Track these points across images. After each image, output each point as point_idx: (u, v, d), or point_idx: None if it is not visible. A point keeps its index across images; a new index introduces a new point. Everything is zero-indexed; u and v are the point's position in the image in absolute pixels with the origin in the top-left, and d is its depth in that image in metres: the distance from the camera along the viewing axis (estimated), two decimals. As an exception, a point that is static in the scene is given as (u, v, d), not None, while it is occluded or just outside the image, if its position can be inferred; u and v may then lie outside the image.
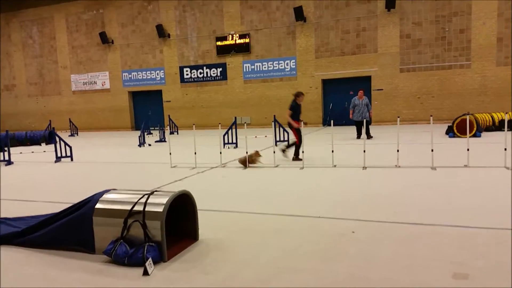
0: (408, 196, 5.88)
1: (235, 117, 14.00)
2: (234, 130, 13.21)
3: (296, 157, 9.63)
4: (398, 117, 8.95)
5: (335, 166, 8.65)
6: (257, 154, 9.10)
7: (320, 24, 20.59)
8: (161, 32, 23.45)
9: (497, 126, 14.35)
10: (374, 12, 19.51)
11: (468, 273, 3.32)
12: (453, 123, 13.24)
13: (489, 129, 14.34)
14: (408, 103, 19.47)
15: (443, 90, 18.87)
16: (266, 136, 14.71)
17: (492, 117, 14.67)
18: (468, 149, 8.19)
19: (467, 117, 8.41)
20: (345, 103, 20.91)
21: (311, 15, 20.64)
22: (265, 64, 22.03)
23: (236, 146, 13.00)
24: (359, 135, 13.99)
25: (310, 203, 5.73)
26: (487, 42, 17.94)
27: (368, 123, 13.85)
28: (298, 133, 9.53)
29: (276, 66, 21.86)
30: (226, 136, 13.22)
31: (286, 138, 13.32)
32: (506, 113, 8.94)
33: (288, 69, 21.63)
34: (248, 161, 8.97)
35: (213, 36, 22.77)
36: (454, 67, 18.59)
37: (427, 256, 3.70)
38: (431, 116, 8.54)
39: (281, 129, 13.53)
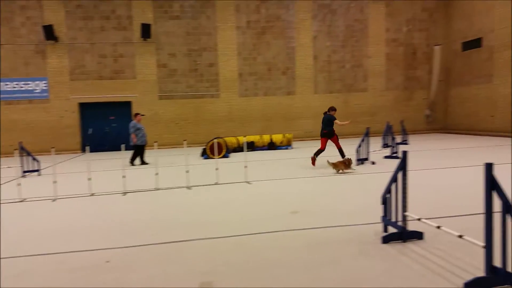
0: (164, 217, 6.11)
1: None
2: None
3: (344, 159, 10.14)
4: (156, 142, 9.27)
5: (92, 194, 8.21)
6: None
7: (74, 45, 19.44)
8: None
9: (242, 147, 16.65)
10: (130, 39, 19.81)
11: (212, 280, 3.69)
12: (206, 145, 14.64)
13: (236, 150, 16.50)
14: (169, 128, 20.44)
15: (198, 116, 20.70)
16: (10, 167, 12.68)
17: (237, 139, 16.95)
18: (217, 169, 9.21)
19: (215, 141, 9.48)
20: (106, 128, 20.29)
21: (64, 36, 19.29)
22: (8, 84, 19.14)
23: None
24: (142, 160, 13.27)
25: (60, 238, 5.23)
26: (231, 76, 20.79)
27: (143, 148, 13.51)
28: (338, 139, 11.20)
29: (23, 87, 19.29)
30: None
31: (36, 167, 11.81)
32: (246, 136, 10.52)
33: (39, 91, 19.42)
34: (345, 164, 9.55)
35: None
36: (206, 96, 20.69)
37: (178, 271, 3.93)
38: (185, 140, 9.20)
39: (30, 158, 11.93)
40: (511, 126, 18.04)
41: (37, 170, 11.81)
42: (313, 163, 10.97)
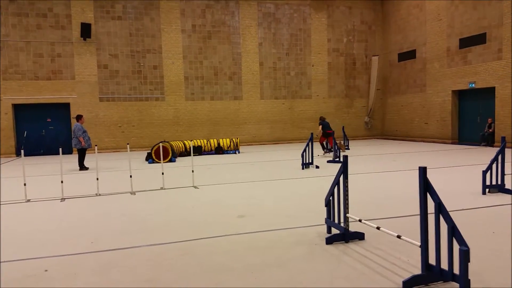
0: (105, 224, 5.87)
1: None
2: None
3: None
4: (96, 145, 8.91)
5: (28, 200, 7.71)
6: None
7: (7, 43, 18.19)
8: None
9: (189, 152, 16.46)
10: (69, 39, 18.91)
11: (157, 287, 3.60)
12: (151, 150, 14.29)
13: (182, 154, 16.27)
14: (110, 132, 19.69)
15: (143, 120, 20.15)
16: None
17: (184, 144, 16.73)
18: (163, 173, 9.02)
19: (161, 145, 9.28)
20: (42, 131, 19.15)
21: (-5, 32, 18.00)
22: None
23: None
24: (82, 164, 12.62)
25: (-9, 248, 4.85)
26: (177, 79, 20.49)
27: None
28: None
29: None
30: None
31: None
32: (193, 140, 10.42)
33: (-35, 91, 17.93)
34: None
35: None
36: (150, 99, 20.22)
37: (122, 279, 3.79)
38: (128, 144, 8.93)
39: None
40: (442, 133, 19.42)
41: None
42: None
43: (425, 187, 3.39)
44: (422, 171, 3.40)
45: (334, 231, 4.93)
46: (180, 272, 3.94)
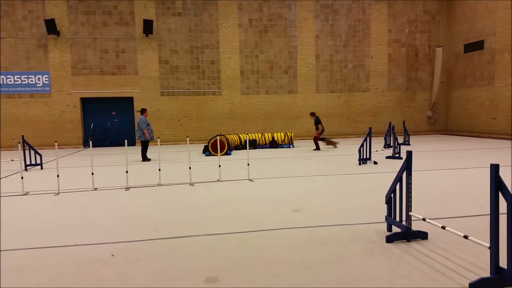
0: (167, 212, 6.12)
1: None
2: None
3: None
4: (158, 138, 9.29)
5: (95, 189, 8.22)
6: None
7: (76, 40, 19.41)
8: None
9: (244, 145, 16.68)
10: (132, 35, 19.78)
11: (217, 275, 3.70)
12: (208, 143, 14.64)
13: (237, 147, 16.51)
14: (170, 125, 20.43)
15: (200, 113, 20.69)
16: (12, 160, 12.68)
17: (239, 137, 16.96)
18: (219, 166, 9.22)
19: (218, 138, 9.48)
20: (107, 123, 20.29)
21: (66, 30, 19.25)
22: (10, 78, 19.11)
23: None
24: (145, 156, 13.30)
25: (64, 231, 5.24)
26: (233, 74, 20.77)
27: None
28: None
29: (25, 81, 19.27)
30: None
31: (38, 161, 11.83)
32: (248, 134, 10.53)
33: (41, 85, 19.40)
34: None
35: None
36: (208, 94, 20.68)
37: (183, 266, 3.94)
38: (188, 137, 9.20)
39: (32, 151, 11.95)
40: (512, 128, 18.07)
41: (39, 164, 11.82)
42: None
43: (497, 186, 3.19)
44: (494, 168, 3.19)
45: (395, 229, 4.78)
46: (237, 262, 4.02)
